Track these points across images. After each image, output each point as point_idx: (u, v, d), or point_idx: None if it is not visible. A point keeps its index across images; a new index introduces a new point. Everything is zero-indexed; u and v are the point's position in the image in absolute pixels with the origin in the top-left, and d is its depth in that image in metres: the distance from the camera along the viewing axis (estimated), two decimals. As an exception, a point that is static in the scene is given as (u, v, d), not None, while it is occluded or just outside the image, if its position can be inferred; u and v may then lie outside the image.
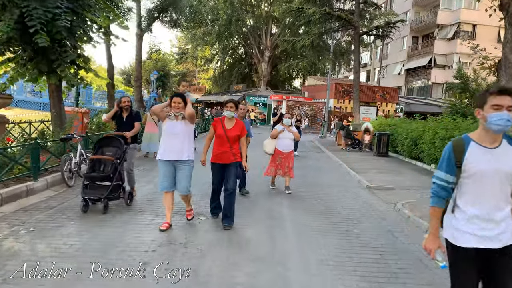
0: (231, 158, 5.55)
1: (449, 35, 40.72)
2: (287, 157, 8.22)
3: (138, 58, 20.51)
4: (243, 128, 5.62)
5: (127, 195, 6.58)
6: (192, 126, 5.39)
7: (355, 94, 20.46)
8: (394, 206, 7.23)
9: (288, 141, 8.24)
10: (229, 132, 5.54)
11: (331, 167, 12.45)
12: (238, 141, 5.62)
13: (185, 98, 5.23)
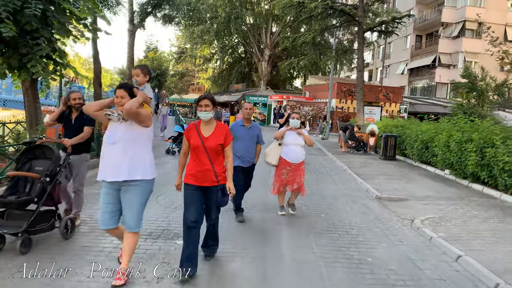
0: (213, 179, 3.93)
1: (454, 33, 39.65)
2: (296, 169, 6.28)
3: (130, 55, 19.46)
4: (227, 134, 4.04)
5: (64, 224, 4.77)
6: (146, 130, 3.73)
7: (358, 93, 19.38)
8: (412, 223, 6.13)
9: (298, 148, 6.31)
10: (208, 141, 3.94)
11: (334, 172, 11.35)
12: (222, 153, 4.06)
13: (132, 91, 3.69)
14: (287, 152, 6.28)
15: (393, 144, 14.21)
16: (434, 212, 6.82)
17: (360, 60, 19.23)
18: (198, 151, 3.94)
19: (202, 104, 3.96)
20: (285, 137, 6.34)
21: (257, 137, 5.99)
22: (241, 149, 5.80)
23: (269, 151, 6.42)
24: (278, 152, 6.34)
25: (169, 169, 10.66)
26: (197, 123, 4.08)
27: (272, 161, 6.36)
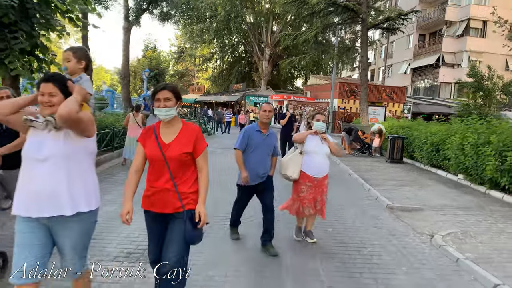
0: (175, 204, 2.84)
1: (458, 32, 38.87)
2: (319, 185, 5.02)
3: (125, 53, 18.71)
4: (198, 138, 2.93)
5: None
6: (88, 142, 2.67)
7: (362, 93, 18.61)
8: (432, 240, 5.37)
9: (322, 158, 5.02)
10: (170, 149, 2.84)
11: (340, 177, 10.59)
12: (193, 166, 2.97)
13: (66, 86, 2.57)
14: (308, 163, 4.98)
15: (400, 146, 13.44)
16: (454, 225, 6.06)
17: (364, 58, 18.47)
18: (157, 163, 2.85)
19: (160, 98, 2.81)
20: (306, 143, 5.03)
21: (274, 148, 4.92)
22: (254, 161, 4.67)
23: (288, 161, 5.08)
24: (299, 163, 5.01)
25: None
26: (155, 124, 2.97)
27: (293, 174, 5.00)
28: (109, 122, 12.88)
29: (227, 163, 12.13)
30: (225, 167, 11.22)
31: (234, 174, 10.53)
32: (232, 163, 12.52)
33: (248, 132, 4.73)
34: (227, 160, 12.89)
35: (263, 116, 4.73)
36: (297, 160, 5.05)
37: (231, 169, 10.78)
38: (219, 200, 7.08)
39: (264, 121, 4.73)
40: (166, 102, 2.81)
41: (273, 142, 4.84)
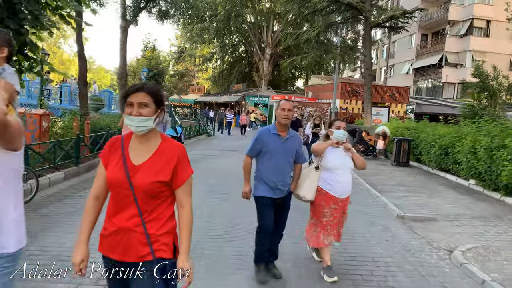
0: (141, 249, 2.05)
1: (461, 31, 38.36)
2: (343, 206, 4.21)
3: (122, 52, 18.26)
4: (180, 161, 2.10)
5: None
6: (14, 158, 1.95)
7: (366, 93, 18.13)
8: (451, 256, 4.87)
9: (346, 175, 4.18)
10: (139, 174, 2.04)
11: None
12: (170, 199, 2.14)
13: None
14: (331, 181, 4.09)
15: (406, 149, 12.96)
16: (473, 238, 5.56)
17: (368, 57, 18.00)
18: (119, 192, 2.04)
19: (133, 102, 2.02)
20: (326, 156, 4.14)
21: (296, 153, 4.04)
22: (271, 171, 3.91)
23: (301, 179, 4.18)
24: (315, 180, 4.13)
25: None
26: (125, 136, 2.18)
27: (307, 194, 4.12)
28: (104, 123, 12.40)
29: (227, 166, 11.65)
30: (225, 171, 10.73)
31: (233, 178, 10.04)
32: (231, 166, 12.03)
33: (263, 135, 3.95)
34: (226, 162, 12.41)
35: (281, 116, 3.88)
36: (312, 177, 4.13)
37: (231, 173, 10.29)
38: (216, 211, 6.55)
39: (283, 122, 3.89)
40: (141, 109, 1.99)
41: (294, 146, 4.00)
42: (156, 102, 2.06)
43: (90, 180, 8.87)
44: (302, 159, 4.14)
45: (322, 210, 4.13)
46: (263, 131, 4.04)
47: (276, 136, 3.93)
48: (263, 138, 3.94)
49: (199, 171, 10.63)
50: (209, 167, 11.51)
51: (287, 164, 3.99)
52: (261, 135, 3.97)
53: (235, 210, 6.54)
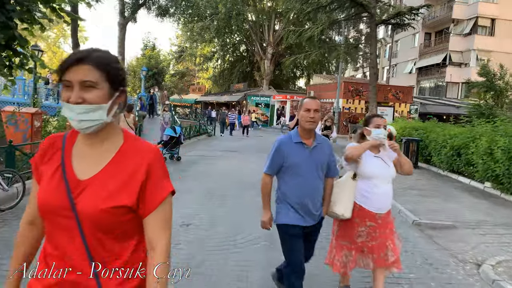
0: None
1: (465, 30, 37.82)
2: (384, 224, 3.34)
3: (120, 50, 17.76)
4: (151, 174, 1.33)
5: None
6: None
7: (371, 92, 17.58)
8: (479, 271, 4.35)
9: (386, 185, 3.35)
10: (85, 194, 1.28)
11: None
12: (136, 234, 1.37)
13: None
14: (368, 193, 3.26)
15: (415, 150, 12.42)
16: (501, 249, 5.04)
17: (373, 55, 17.46)
18: (56, 221, 1.31)
19: (72, 81, 1.24)
20: (362, 162, 3.29)
21: (328, 165, 3.11)
22: (298, 191, 3.00)
23: (337, 192, 3.29)
24: (353, 192, 3.29)
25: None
26: (68, 135, 1.44)
27: (346, 211, 3.25)
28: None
29: (227, 167, 11.14)
30: (225, 173, 10.21)
31: (233, 180, 9.52)
32: (232, 168, 11.52)
33: (283, 146, 3.03)
34: (227, 164, 11.90)
35: (305, 119, 2.94)
36: (349, 189, 3.27)
37: (231, 175, 9.79)
38: (215, 218, 6.02)
39: (308, 126, 2.95)
40: (85, 91, 1.25)
41: (324, 156, 3.07)
42: (110, 79, 1.29)
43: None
44: (335, 171, 3.22)
45: (356, 229, 3.28)
46: (283, 140, 3.08)
47: (300, 146, 3.00)
48: (283, 150, 3.01)
49: (197, 173, 10.11)
50: (208, 169, 11.00)
51: (318, 180, 3.05)
52: (281, 145, 3.04)
53: (236, 216, 6.04)
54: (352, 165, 3.31)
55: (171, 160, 12.31)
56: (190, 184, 8.57)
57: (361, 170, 3.29)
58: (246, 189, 8.25)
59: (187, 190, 7.89)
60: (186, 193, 7.60)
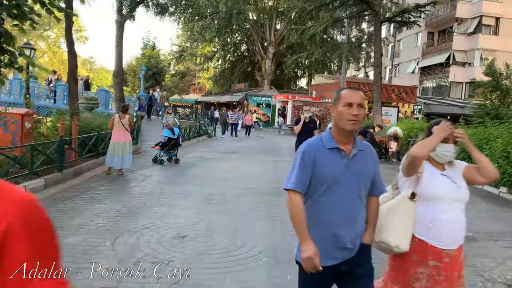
0: None
1: (469, 29, 37.30)
2: (451, 266, 2.36)
3: (118, 49, 17.29)
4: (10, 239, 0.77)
5: None
6: None
7: (375, 92, 17.13)
8: (512, 293, 3.86)
9: (457, 210, 2.41)
10: None
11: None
12: None
13: None
14: (431, 222, 2.38)
15: (423, 152, 11.92)
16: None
17: (377, 54, 17.00)
18: None
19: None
20: (425, 180, 2.43)
21: (373, 180, 2.30)
22: (331, 215, 2.18)
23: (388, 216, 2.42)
24: (412, 217, 2.41)
25: (150, 187, 8.35)
26: None
27: (401, 242, 2.38)
28: (95, 124, 11.41)
29: (227, 170, 10.64)
30: (224, 177, 9.71)
31: (234, 185, 9.06)
32: (232, 170, 11.05)
33: (313, 152, 2.19)
34: (227, 167, 11.41)
35: (346, 118, 2.13)
36: (406, 212, 2.40)
37: (232, 179, 9.29)
38: (214, 228, 5.51)
39: (350, 127, 2.14)
40: None
41: (368, 168, 2.26)
42: None
43: (75, 187, 7.89)
44: (381, 187, 2.37)
45: (413, 270, 2.38)
46: (312, 144, 2.24)
47: (335, 153, 2.18)
48: (313, 158, 2.17)
49: (196, 176, 9.62)
50: (207, 172, 10.51)
51: (358, 201, 2.21)
52: (310, 151, 2.19)
53: (237, 226, 5.55)
54: (411, 181, 2.43)
55: (169, 162, 11.83)
56: (187, 189, 8.09)
57: (422, 190, 2.39)
58: (247, 195, 7.77)
59: (184, 196, 7.41)
60: (183, 199, 7.12)
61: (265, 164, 12.54)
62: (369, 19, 20.50)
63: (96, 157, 10.42)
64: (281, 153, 15.89)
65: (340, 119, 2.15)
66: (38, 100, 21.08)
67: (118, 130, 9.35)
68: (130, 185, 8.38)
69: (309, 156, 2.17)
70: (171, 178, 9.30)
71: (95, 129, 10.99)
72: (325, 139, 2.22)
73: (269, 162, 13.05)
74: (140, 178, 9.13)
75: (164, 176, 9.62)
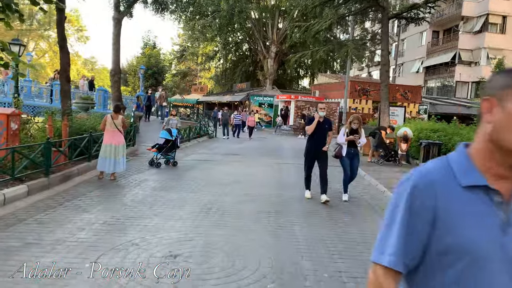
0: None
1: (475, 28, 36.59)
2: None
3: (115, 47, 16.65)
4: None
5: None
6: None
7: (382, 91, 16.43)
8: None
9: None
10: None
11: (371, 197, 8.42)
12: None
13: None
14: None
15: (436, 154, 11.26)
16: None
17: (385, 52, 16.30)
18: None
19: None
20: None
21: None
22: None
23: None
24: None
25: (144, 193, 7.69)
26: None
27: None
28: (89, 125, 10.77)
29: (227, 174, 9.96)
30: (224, 181, 9.03)
31: (234, 191, 8.40)
32: (232, 174, 10.41)
33: (432, 191, 1.12)
34: (227, 170, 10.72)
35: None
36: None
37: (233, 185, 8.61)
38: (211, 246, 4.83)
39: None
40: None
41: None
42: None
43: (63, 194, 7.23)
44: None
45: None
46: (429, 175, 1.16)
47: (481, 199, 1.11)
48: (434, 205, 1.12)
49: (193, 182, 8.94)
50: (206, 176, 9.83)
51: None
52: (426, 190, 1.13)
53: (237, 243, 4.89)
54: None
55: (166, 165, 11.18)
56: (183, 196, 7.43)
57: None
58: (248, 203, 7.10)
59: (180, 204, 6.74)
60: (177, 208, 6.45)
61: (268, 167, 11.88)
62: (374, 17, 19.76)
63: (88, 160, 9.78)
64: (284, 155, 15.23)
65: (508, 129, 1.08)
66: (33, 100, 20.49)
67: (110, 131, 8.70)
68: (122, 192, 7.72)
69: (425, 200, 1.13)
70: (167, 183, 8.65)
71: (88, 130, 10.35)
72: (456, 166, 1.16)
73: (271, 164, 12.39)
74: (133, 183, 8.48)
75: (159, 181, 8.95)
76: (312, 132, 7.34)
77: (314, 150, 7.45)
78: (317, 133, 7.38)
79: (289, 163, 12.84)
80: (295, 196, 7.88)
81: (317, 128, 7.31)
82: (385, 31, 16.29)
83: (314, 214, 6.60)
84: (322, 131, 7.40)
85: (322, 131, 7.41)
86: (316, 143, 7.43)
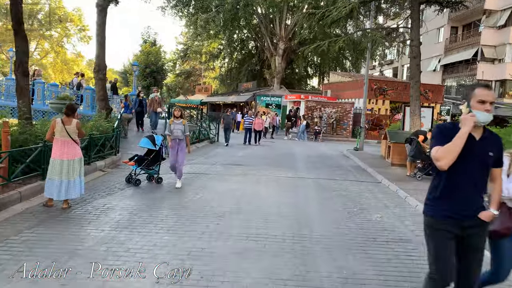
0: None
1: (500, 22, 33.85)
2: None
3: (99, 38, 14.28)
4: None
5: None
6: None
7: (413, 88, 13.93)
8: None
9: None
10: None
11: (418, 227, 5.87)
12: None
13: None
14: None
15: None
16: None
17: (416, 42, 13.78)
18: None
19: None
20: None
21: None
22: None
23: None
24: None
25: (100, 236, 5.19)
26: None
27: None
28: (44, 131, 8.31)
29: (228, 196, 7.37)
30: (219, 211, 6.46)
31: (233, 232, 4.37)
32: (234, 197, 7.84)
33: None
34: (228, 189, 8.12)
35: None
36: None
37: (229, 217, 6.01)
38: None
39: None
40: None
41: None
42: None
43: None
44: None
45: None
46: None
47: None
48: None
49: (173, 210, 6.35)
50: (194, 201, 7.33)
51: None
52: None
53: None
54: None
55: (149, 182, 8.72)
56: (153, 241, 4.94)
57: None
58: (250, 256, 4.60)
59: (147, 259, 4.26)
60: (142, 267, 3.96)
61: (277, 183, 9.37)
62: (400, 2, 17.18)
63: (42, 178, 7.33)
64: (298, 166, 12.67)
65: None
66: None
67: (60, 142, 6.21)
68: (72, 232, 5.24)
69: None
70: (136, 215, 6.14)
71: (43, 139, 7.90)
72: None
73: (281, 179, 9.90)
74: (91, 215, 6.00)
75: (129, 210, 6.44)
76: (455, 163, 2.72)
77: (458, 217, 2.80)
78: (469, 167, 2.78)
79: (304, 177, 10.34)
80: (324, 235, 5.37)
81: (466, 153, 2.73)
82: (415, 17, 13.75)
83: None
84: (478, 163, 2.79)
85: (478, 164, 2.79)
86: (462, 195, 2.80)
